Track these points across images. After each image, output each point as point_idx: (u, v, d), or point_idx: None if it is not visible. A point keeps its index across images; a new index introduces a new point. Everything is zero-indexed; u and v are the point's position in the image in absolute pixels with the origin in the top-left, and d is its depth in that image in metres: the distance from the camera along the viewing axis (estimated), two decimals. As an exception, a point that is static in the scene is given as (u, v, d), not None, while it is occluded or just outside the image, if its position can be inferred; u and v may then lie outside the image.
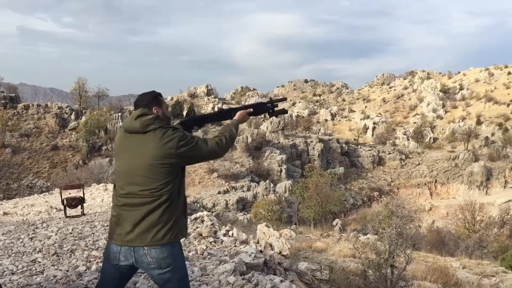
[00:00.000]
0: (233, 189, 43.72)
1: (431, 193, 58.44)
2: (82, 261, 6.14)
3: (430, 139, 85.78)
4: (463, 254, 22.06)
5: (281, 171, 50.71)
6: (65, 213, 10.52)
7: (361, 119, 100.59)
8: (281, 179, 49.18)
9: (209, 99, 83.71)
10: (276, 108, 3.56)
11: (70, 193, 12.59)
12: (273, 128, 58.70)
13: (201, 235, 7.47)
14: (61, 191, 11.85)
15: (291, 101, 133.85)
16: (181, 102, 69.13)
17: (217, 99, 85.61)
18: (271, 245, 7.69)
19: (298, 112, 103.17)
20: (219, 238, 7.48)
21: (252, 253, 6.24)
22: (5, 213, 11.71)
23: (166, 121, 3.19)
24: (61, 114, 56.63)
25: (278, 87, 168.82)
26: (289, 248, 7.77)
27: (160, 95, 3.28)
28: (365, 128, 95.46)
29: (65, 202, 10.60)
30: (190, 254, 6.48)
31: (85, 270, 5.65)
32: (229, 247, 7.00)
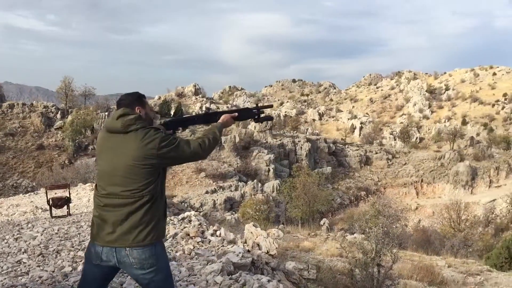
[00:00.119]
0: (221, 189, 43.68)
1: (417, 193, 58.93)
2: (68, 261, 6.08)
3: (416, 139, 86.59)
4: (449, 253, 22.29)
5: (269, 170, 50.76)
6: (51, 213, 10.40)
7: (349, 119, 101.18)
8: (268, 179, 49.22)
9: (196, 99, 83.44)
10: (262, 114, 3.58)
11: (56, 193, 12.47)
12: (261, 127, 58.70)
13: (189, 235, 7.44)
14: (46, 191, 11.72)
15: (279, 100, 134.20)
16: (169, 101, 68.74)
17: (205, 99, 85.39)
18: (258, 245, 7.70)
19: (286, 111, 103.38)
20: (206, 238, 7.46)
21: (239, 253, 6.24)
22: (-11, 214, 11.55)
23: (148, 121, 3.16)
24: (46, 113, 56.02)
25: (266, 86, 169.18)
26: (276, 247, 7.77)
27: (143, 96, 3.26)
28: (353, 128, 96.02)
29: (50, 202, 10.48)
30: (177, 254, 6.46)
31: (71, 270, 5.60)
32: (216, 247, 6.99)
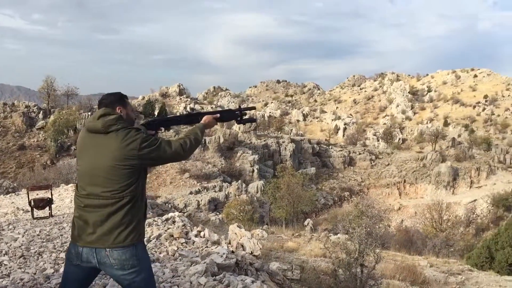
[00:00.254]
0: (205, 190, 43.56)
1: (400, 193, 59.52)
2: (50, 263, 6.01)
3: (399, 140, 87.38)
4: (431, 252, 22.59)
5: (253, 171, 50.80)
6: (32, 214, 10.27)
7: (332, 120, 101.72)
8: (253, 179, 49.25)
9: (181, 99, 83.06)
10: (244, 116, 3.58)
11: (37, 194, 12.30)
12: (245, 128, 58.70)
13: (172, 236, 7.41)
14: (28, 192, 11.54)
15: (263, 101, 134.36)
16: (153, 101, 68.31)
17: (189, 99, 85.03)
18: (242, 246, 7.70)
19: (270, 112, 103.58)
20: (190, 239, 7.45)
21: (223, 253, 6.24)
22: (-31, 215, 11.36)
23: (129, 122, 3.14)
24: (28, 113, 55.27)
25: (250, 87, 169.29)
26: (260, 248, 7.79)
27: (125, 97, 3.24)
28: (336, 128, 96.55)
29: (32, 203, 10.34)
30: (161, 255, 6.43)
31: (53, 272, 5.54)
32: (200, 248, 6.98)
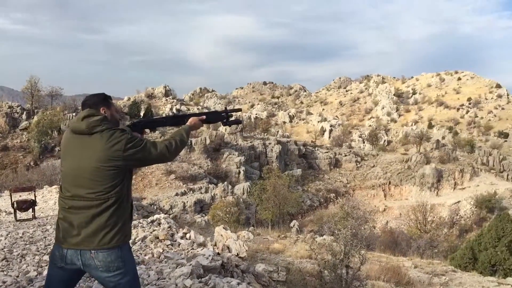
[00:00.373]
0: (191, 191, 43.37)
1: (385, 195, 59.92)
2: (33, 266, 5.95)
3: (384, 142, 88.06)
4: (415, 253, 22.80)
5: (239, 172, 50.73)
6: (15, 216, 10.16)
7: (319, 122, 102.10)
8: (239, 181, 49.19)
9: (167, 100, 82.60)
10: (230, 117, 3.58)
11: (20, 196, 12.18)
12: (231, 129, 58.59)
13: (158, 238, 7.38)
14: (11, 194, 11.44)
15: (249, 103, 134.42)
16: (138, 102, 67.78)
17: (175, 100, 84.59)
18: (228, 247, 7.70)
19: (256, 114, 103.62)
20: (176, 241, 7.42)
21: (209, 255, 6.22)
22: (-50, 217, 11.17)
23: (114, 123, 3.12)
24: (11, 113, 54.46)
25: (237, 89, 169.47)
26: (246, 250, 7.79)
27: (109, 98, 3.22)
28: (322, 130, 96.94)
29: (15, 205, 10.24)
30: (146, 257, 6.40)
31: (36, 275, 5.48)
32: (186, 250, 6.96)
